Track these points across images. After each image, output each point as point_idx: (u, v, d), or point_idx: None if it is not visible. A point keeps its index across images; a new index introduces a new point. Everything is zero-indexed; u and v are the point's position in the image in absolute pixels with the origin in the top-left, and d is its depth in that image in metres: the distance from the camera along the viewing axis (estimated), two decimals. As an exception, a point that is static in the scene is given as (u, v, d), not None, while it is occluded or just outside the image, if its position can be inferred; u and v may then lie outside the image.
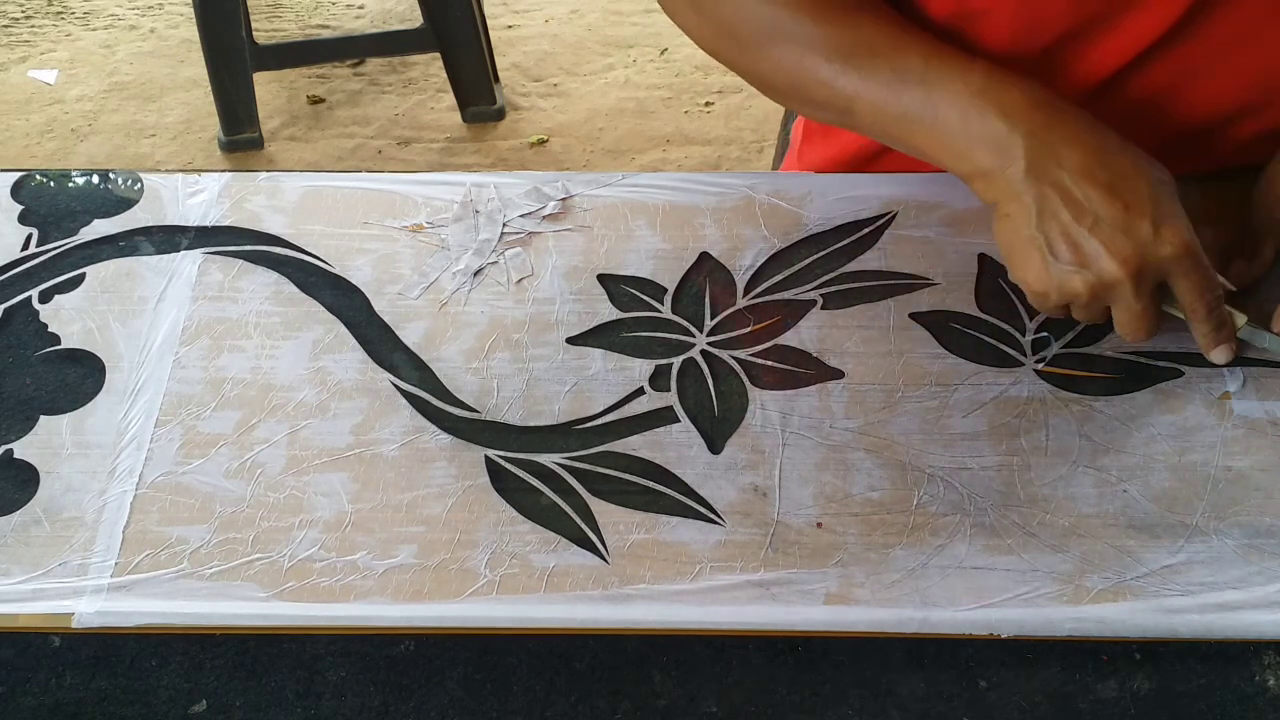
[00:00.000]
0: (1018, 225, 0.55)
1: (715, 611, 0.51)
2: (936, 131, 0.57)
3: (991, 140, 0.55)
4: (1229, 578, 0.52)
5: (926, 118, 0.56)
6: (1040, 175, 0.54)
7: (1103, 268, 0.53)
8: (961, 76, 0.56)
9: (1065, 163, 0.54)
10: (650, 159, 1.89)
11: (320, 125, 1.98)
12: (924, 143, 0.58)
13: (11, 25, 2.21)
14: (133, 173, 0.71)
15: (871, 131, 0.61)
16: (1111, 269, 0.53)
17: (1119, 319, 0.56)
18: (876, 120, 0.59)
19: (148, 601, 0.52)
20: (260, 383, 0.60)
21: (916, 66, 0.57)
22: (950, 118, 0.56)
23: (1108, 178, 0.54)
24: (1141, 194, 0.53)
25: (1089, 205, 0.53)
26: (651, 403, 0.59)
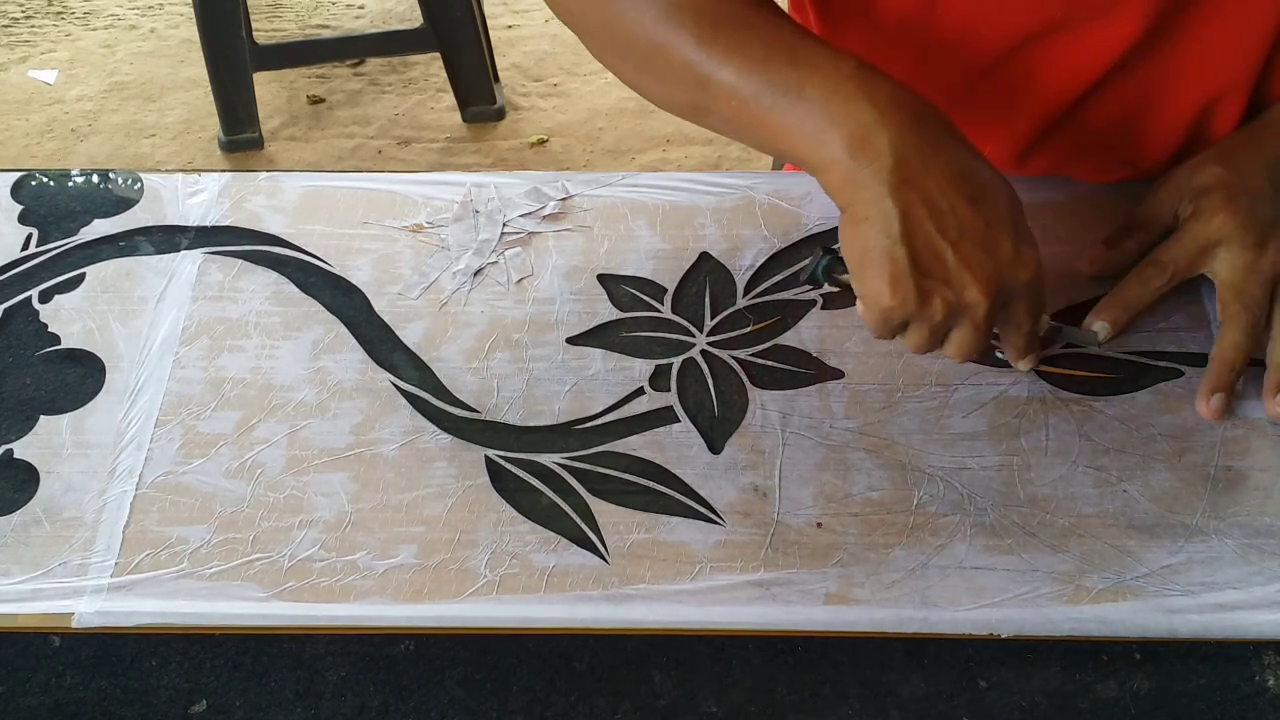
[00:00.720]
0: (876, 231, 0.50)
1: (715, 611, 0.51)
2: (798, 113, 0.51)
3: (856, 130, 0.50)
4: (1229, 578, 0.52)
5: (790, 97, 0.51)
6: (906, 180, 0.50)
7: (965, 287, 0.50)
8: (833, 60, 0.52)
9: (932, 170, 0.50)
10: (650, 159, 1.89)
11: (320, 125, 1.98)
12: (780, 124, 0.52)
13: (11, 25, 2.21)
14: (133, 173, 0.71)
15: (723, 114, 0.55)
16: (974, 291, 0.50)
17: (958, 339, 0.53)
18: (734, 96, 0.53)
19: (148, 601, 0.52)
20: (260, 383, 0.60)
21: (788, 43, 0.53)
22: (814, 98, 0.51)
23: (971, 191, 0.50)
24: (1001, 212, 0.51)
25: (954, 218, 0.50)
26: (651, 403, 0.59)
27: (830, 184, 0.52)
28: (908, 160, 0.50)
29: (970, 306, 0.51)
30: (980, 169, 0.52)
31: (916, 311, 0.51)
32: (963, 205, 0.50)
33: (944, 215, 0.50)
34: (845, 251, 0.53)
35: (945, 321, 0.51)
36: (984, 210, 0.50)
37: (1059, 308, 0.62)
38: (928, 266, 0.50)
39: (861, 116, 0.50)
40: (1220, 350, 0.57)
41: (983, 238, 0.50)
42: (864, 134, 0.50)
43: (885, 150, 0.50)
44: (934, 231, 0.50)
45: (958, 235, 0.50)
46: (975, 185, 0.51)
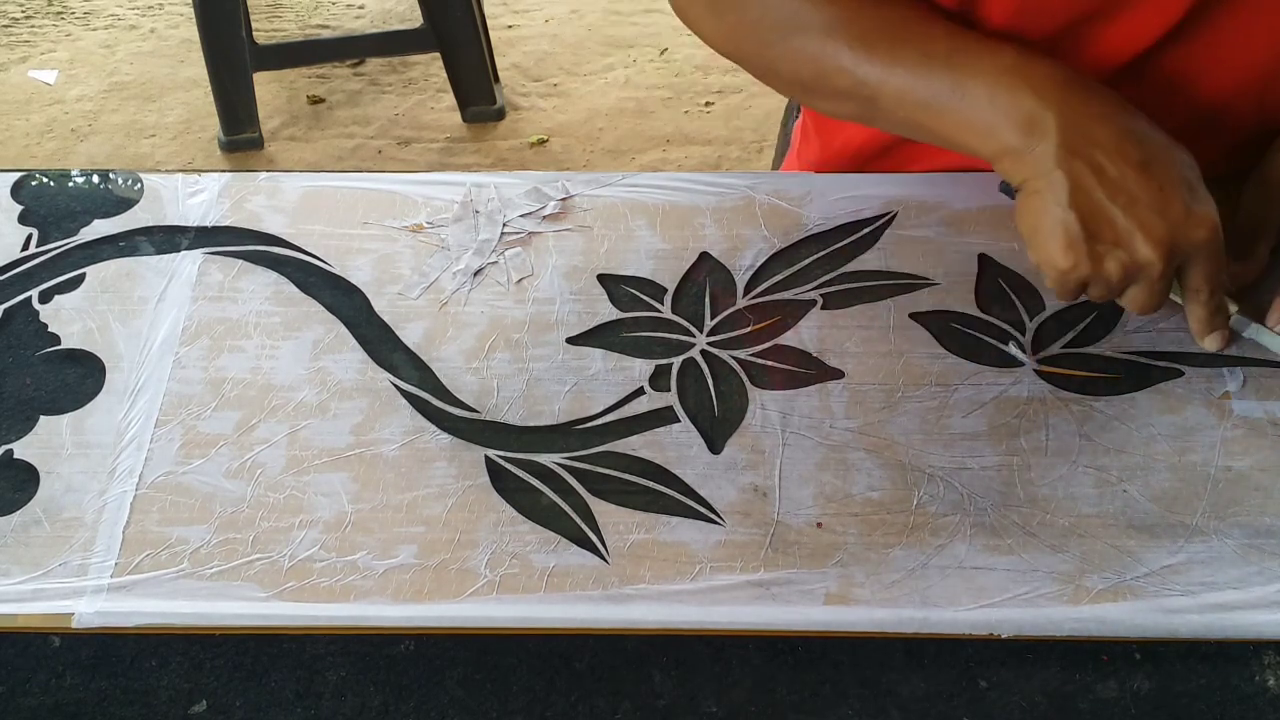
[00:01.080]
0: (1047, 202, 0.53)
1: (715, 611, 0.51)
2: (964, 111, 0.55)
3: (1022, 117, 0.54)
4: (1229, 578, 0.52)
5: (954, 98, 0.55)
6: (1073, 152, 0.53)
7: (1137, 248, 0.52)
8: (990, 55, 0.55)
9: (1098, 140, 0.53)
10: (650, 159, 1.89)
11: (320, 125, 1.98)
12: (951, 126, 0.56)
13: (11, 25, 2.21)
14: (133, 173, 0.71)
15: (894, 120, 0.59)
16: (1146, 250, 0.52)
17: (1135, 296, 0.55)
18: (901, 105, 0.57)
19: (148, 602, 0.52)
20: (260, 383, 0.60)
21: (942, 49, 0.56)
22: (978, 95, 0.55)
23: (1141, 156, 0.53)
24: (1174, 175, 0.53)
25: (1124, 184, 0.52)
26: (651, 403, 0.59)
27: (1007, 168, 0.55)
28: (1073, 133, 0.53)
29: (1144, 265, 0.53)
30: (1150, 135, 0.54)
31: (1092, 274, 0.53)
32: (1131, 171, 0.52)
33: (1113, 182, 0.52)
34: (1021, 224, 0.56)
35: (1120, 282, 0.54)
36: (1155, 174, 0.52)
37: (1061, 306, 0.62)
38: (1098, 230, 0.53)
39: (1025, 103, 0.54)
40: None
41: (1154, 200, 0.52)
42: (1029, 118, 0.53)
43: (1051, 128, 0.53)
44: (1104, 197, 0.52)
45: (1128, 199, 0.52)
46: (1145, 151, 0.53)
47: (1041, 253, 0.55)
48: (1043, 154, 0.53)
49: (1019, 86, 0.54)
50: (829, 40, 0.58)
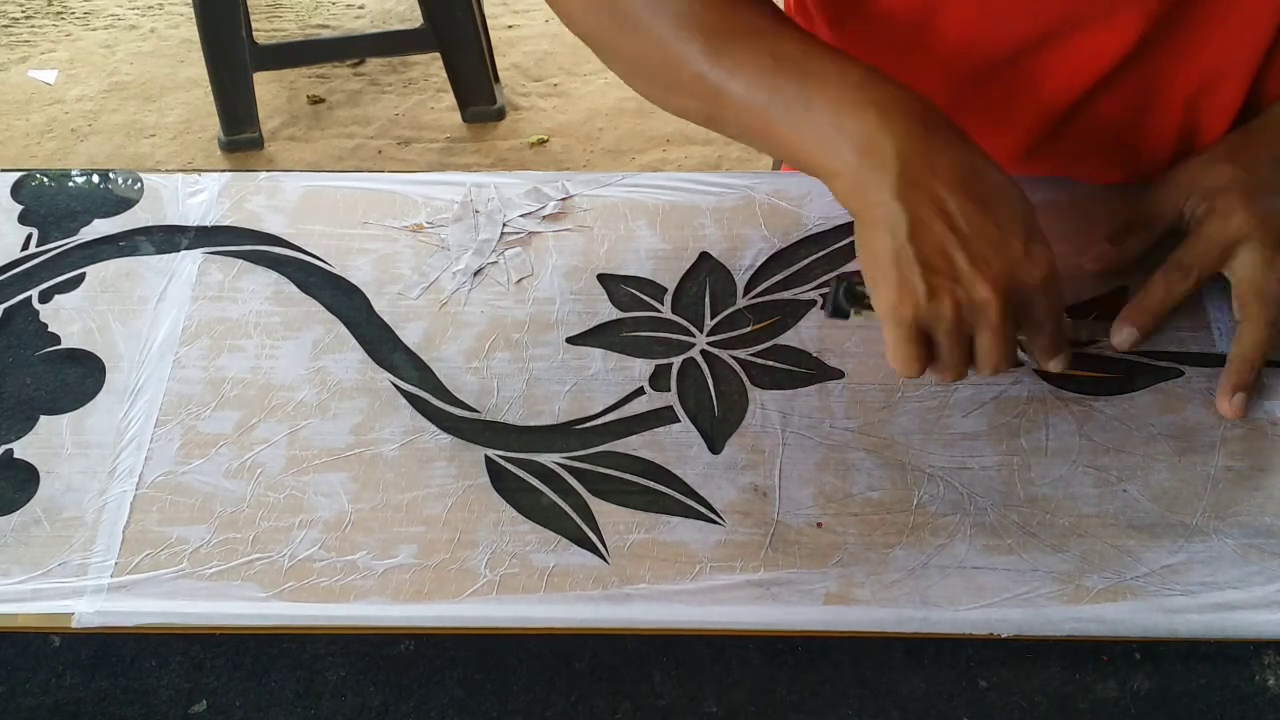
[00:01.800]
0: (884, 237, 0.51)
1: (715, 611, 0.51)
2: (807, 123, 0.52)
3: (863, 137, 0.51)
4: (1229, 577, 0.52)
5: (798, 107, 0.52)
6: (914, 184, 0.50)
7: (975, 286, 0.50)
8: (840, 70, 0.53)
9: (940, 173, 0.51)
10: (650, 159, 1.89)
11: (320, 125, 1.98)
12: (791, 135, 0.53)
13: (11, 25, 2.21)
14: (133, 172, 0.71)
15: (737, 124, 0.56)
16: (983, 289, 0.50)
17: (983, 347, 0.52)
18: (746, 108, 0.54)
19: (148, 601, 0.52)
20: (260, 383, 0.60)
21: (795, 54, 0.53)
22: (823, 108, 0.52)
23: (980, 193, 0.51)
24: (1012, 213, 0.51)
25: (962, 220, 0.50)
26: (651, 402, 0.59)
27: (841, 191, 0.53)
28: (914, 164, 0.50)
29: (982, 306, 0.51)
30: (989, 171, 0.52)
31: (927, 312, 0.51)
32: (971, 207, 0.50)
33: (952, 216, 0.50)
34: (859, 256, 0.53)
35: (957, 324, 0.51)
36: (993, 211, 0.51)
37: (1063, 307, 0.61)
38: (936, 265, 0.50)
39: (868, 124, 0.51)
40: (1240, 348, 0.57)
41: (992, 238, 0.50)
42: (871, 141, 0.51)
43: (891, 155, 0.50)
44: (943, 231, 0.50)
45: (966, 236, 0.50)
46: (984, 187, 0.51)
47: (880, 289, 0.52)
48: (881, 182, 0.51)
49: (864, 105, 0.51)
50: (682, 29, 0.55)
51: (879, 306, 0.52)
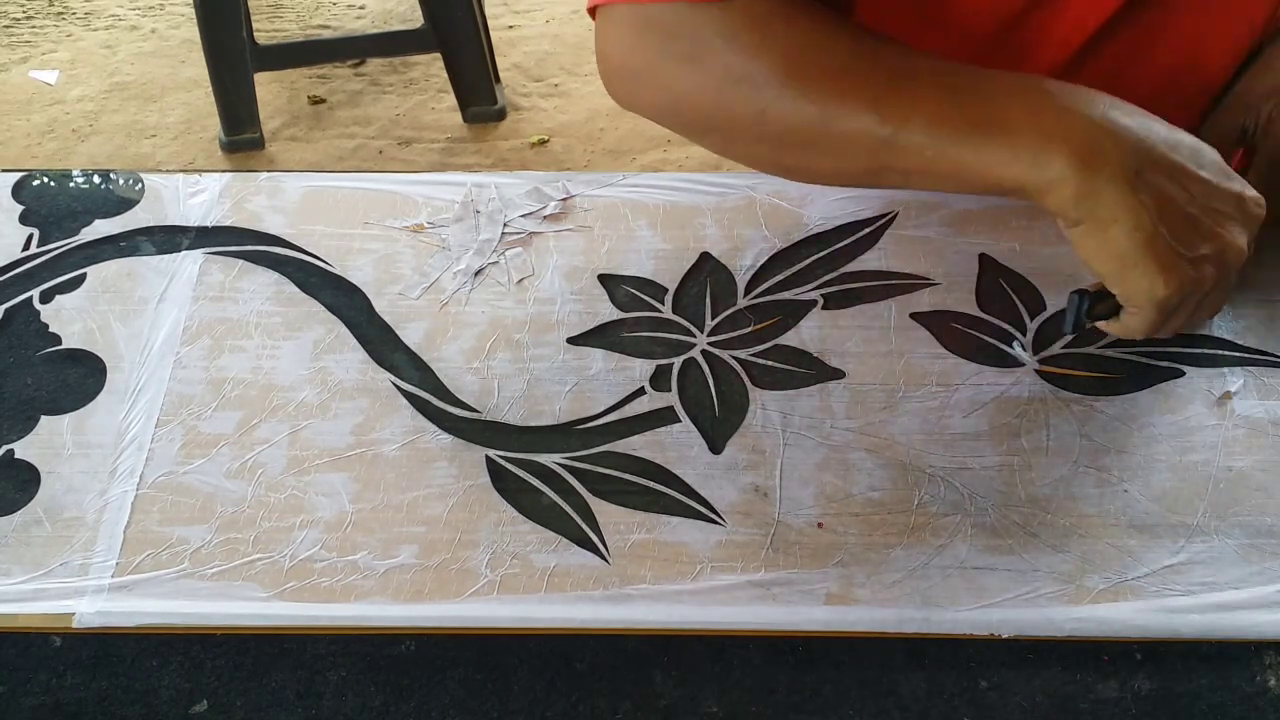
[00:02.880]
0: (1128, 232, 0.50)
1: (716, 611, 0.51)
2: (1007, 143, 0.51)
3: (1078, 141, 0.50)
4: (1230, 578, 0.52)
5: (993, 130, 0.51)
6: (1139, 171, 0.50)
7: (1227, 245, 0.52)
8: (1021, 81, 0.52)
9: (1153, 153, 0.51)
10: (651, 159, 1.89)
11: (321, 125, 1.98)
12: (987, 160, 0.51)
13: (13, 25, 2.21)
14: (134, 173, 0.71)
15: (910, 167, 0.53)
16: (1232, 246, 0.52)
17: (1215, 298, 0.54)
18: (925, 148, 0.52)
19: (148, 601, 0.52)
20: (261, 383, 0.60)
21: (966, 81, 0.52)
22: (1022, 124, 0.51)
23: (1189, 156, 0.52)
24: (1219, 167, 0.53)
25: (1190, 189, 0.51)
26: (652, 403, 0.59)
27: (1061, 201, 0.51)
28: (1135, 153, 0.50)
29: (1234, 262, 0.52)
30: (1183, 136, 0.53)
31: (1194, 283, 0.51)
32: (1191, 174, 0.51)
33: (1182, 190, 0.51)
34: (1100, 262, 0.52)
35: (1218, 282, 0.53)
36: (1208, 170, 0.52)
37: (1061, 306, 0.61)
38: (1190, 241, 0.51)
39: (1078, 127, 0.50)
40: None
41: (1220, 196, 0.52)
42: (1086, 143, 0.50)
43: (1111, 151, 0.50)
44: (1181, 207, 0.51)
45: (1202, 202, 0.51)
46: (1190, 151, 0.52)
47: (1138, 284, 0.51)
48: (1108, 181, 0.50)
49: (1065, 111, 0.50)
50: (838, 81, 0.53)
51: (1135, 297, 0.52)
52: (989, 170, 0.52)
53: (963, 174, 0.53)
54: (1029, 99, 0.51)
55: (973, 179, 0.53)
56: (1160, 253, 0.50)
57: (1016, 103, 0.51)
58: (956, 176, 0.53)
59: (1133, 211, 0.50)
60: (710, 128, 0.58)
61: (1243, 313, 0.61)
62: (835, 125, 0.53)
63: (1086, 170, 0.50)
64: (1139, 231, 0.50)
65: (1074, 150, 0.50)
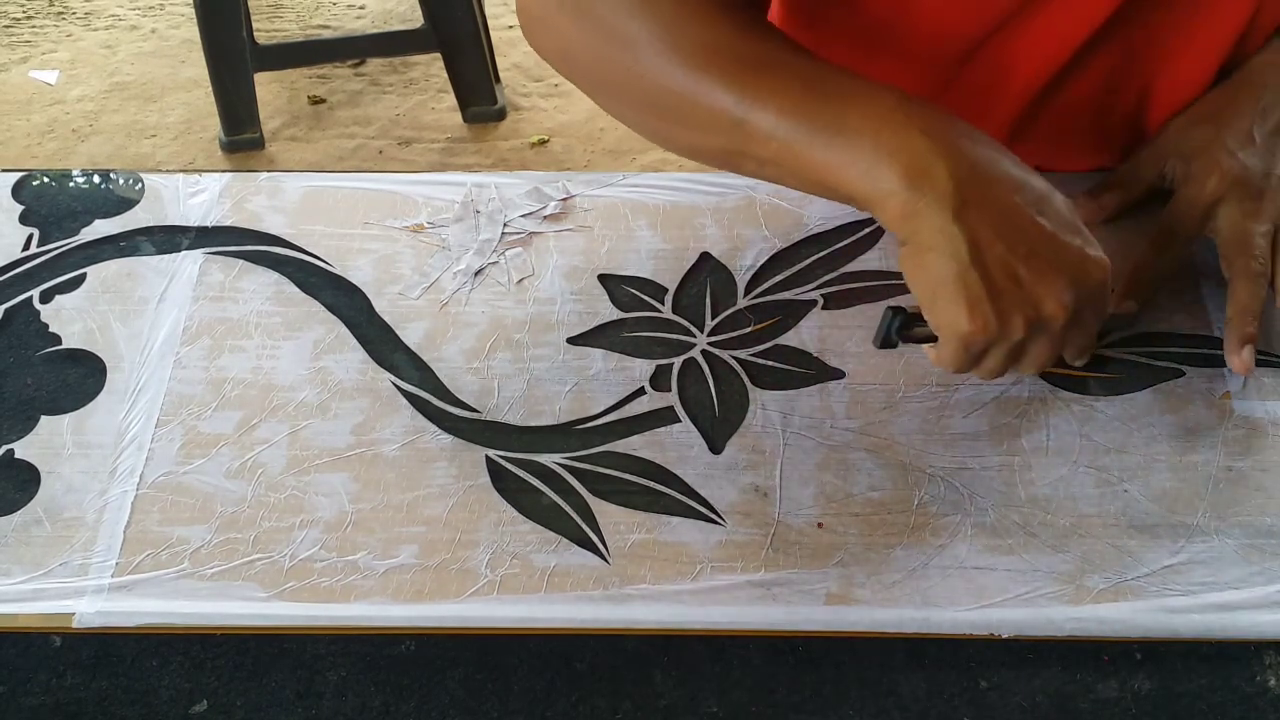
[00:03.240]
0: (944, 262, 0.49)
1: (716, 611, 0.51)
2: (846, 149, 0.50)
3: (911, 159, 0.49)
4: (1230, 578, 0.52)
5: (835, 133, 0.50)
6: (967, 203, 0.49)
7: (1042, 300, 0.49)
8: (875, 93, 0.51)
9: (991, 188, 0.49)
10: (651, 159, 1.89)
11: (321, 125, 1.98)
12: (827, 162, 0.51)
13: (13, 25, 2.21)
14: (134, 173, 0.71)
15: (762, 156, 0.53)
16: (1052, 301, 0.49)
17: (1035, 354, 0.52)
18: (773, 137, 0.52)
19: (148, 601, 0.52)
20: (261, 383, 0.60)
21: (824, 80, 0.52)
22: (862, 132, 0.50)
23: (1033, 202, 0.50)
24: (1063, 218, 0.51)
25: (1022, 235, 0.49)
26: (652, 403, 0.59)
27: (887, 217, 0.51)
28: (967, 183, 0.49)
29: (1049, 319, 0.50)
30: (1034, 179, 0.51)
31: (998, 334, 0.50)
32: (1027, 219, 0.49)
33: (1011, 232, 0.49)
34: (912, 285, 0.51)
35: (1028, 337, 0.51)
36: (1048, 220, 0.50)
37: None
38: (1003, 286, 0.49)
39: (914, 145, 0.49)
40: (1235, 301, 0.58)
41: (1052, 247, 0.50)
42: (919, 163, 0.49)
43: (944, 176, 0.49)
44: (1005, 250, 0.49)
45: (1028, 250, 0.49)
46: (1035, 196, 0.50)
47: (943, 315, 0.51)
48: (933, 205, 0.49)
49: (907, 126, 0.49)
50: (704, 58, 0.53)
51: (941, 328, 0.51)
52: (827, 172, 0.51)
53: (806, 171, 0.53)
54: (877, 110, 0.50)
55: (815, 179, 0.53)
56: (968, 288, 0.49)
57: (866, 111, 0.50)
58: (802, 172, 0.53)
59: (950, 241, 0.49)
60: (593, 82, 0.60)
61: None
62: (698, 99, 0.53)
63: (913, 191, 0.49)
64: (952, 262, 0.49)
65: (905, 168, 0.49)
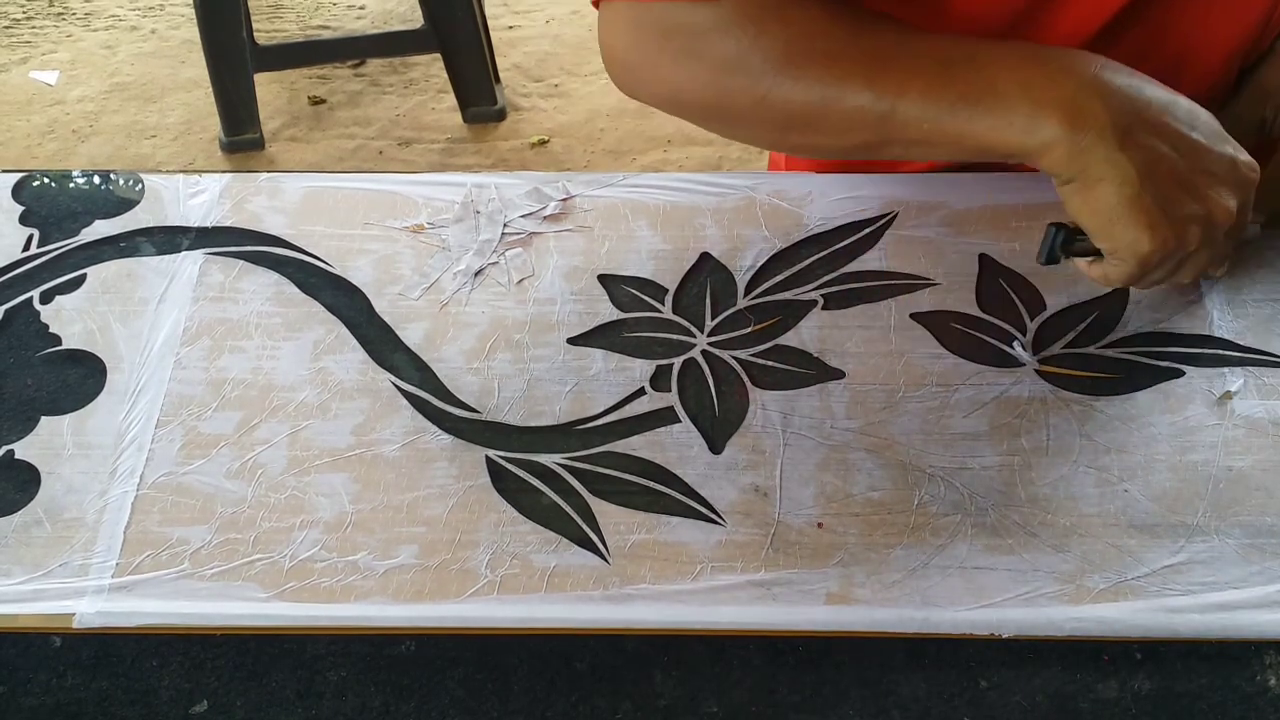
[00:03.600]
0: (1116, 187, 0.52)
1: (716, 611, 0.51)
2: (1000, 108, 0.53)
3: (1067, 105, 0.52)
4: (1230, 577, 0.52)
5: (987, 97, 0.53)
6: (1127, 131, 0.51)
7: (1214, 208, 0.53)
8: (1006, 51, 0.54)
9: (1144, 114, 0.52)
10: (651, 159, 1.89)
11: (321, 126, 1.98)
12: (984, 127, 0.53)
13: (13, 26, 2.21)
14: (134, 173, 0.71)
15: (910, 137, 0.55)
16: (1228, 200, 0.53)
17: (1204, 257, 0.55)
18: (922, 120, 0.54)
19: (149, 602, 0.52)
20: (261, 383, 0.60)
21: (959, 53, 0.54)
22: (1011, 88, 0.52)
23: (1184, 118, 0.53)
24: (1213, 130, 0.54)
25: (1181, 151, 0.52)
26: (652, 403, 0.59)
27: (1054, 162, 0.53)
28: (1123, 113, 0.52)
29: (1219, 224, 0.53)
30: (1178, 98, 0.54)
31: (1176, 246, 0.53)
32: (1183, 136, 0.53)
33: (1173, 150, 0.52)
34: (1086, 217, 0.54)
35: (1204, 244, 0.54)
36: (1201, 132, 0.53)
37: (1061, 306, 0.62)
38: (1176, 199, 0.52)
39: (1066, 91, 0.52)
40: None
41: (1210, 156, 0.53)
42: (1075, 105, 0.52)
43: (1100, 111, 0.51)
44: (1169, 168, 0.52)
45: (1191, 163, 0.52)
46: (1185, 113, 0.53)
47: (1122, 239, 0.53)
48: (1097, 140, 0.51)
49: (1053, 74, 0.52)
50: (834, 64, 0.55)
51: (1119, 250, 0.54)
52: (985, 137, 0.54)
53: (962, 142, 0.55)
54: (1019, 66, 0.53)
55: (971, 146, 0.55)
56: (1145, 210, 0.52)
57: (1007, 71, 0.53)
58: (957, 144, 0.55)
59: (1120, 169, 0.51)
60: (712, 115, 0.60)
61: (1243, 313, 0.61)
62: (834, 105, 0.55)
63: (1076, 131, 0.51)
64: (1125, 188, 0.52)
65: (1063, 113, 0.52)
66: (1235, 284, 0.62)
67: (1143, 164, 0.52)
